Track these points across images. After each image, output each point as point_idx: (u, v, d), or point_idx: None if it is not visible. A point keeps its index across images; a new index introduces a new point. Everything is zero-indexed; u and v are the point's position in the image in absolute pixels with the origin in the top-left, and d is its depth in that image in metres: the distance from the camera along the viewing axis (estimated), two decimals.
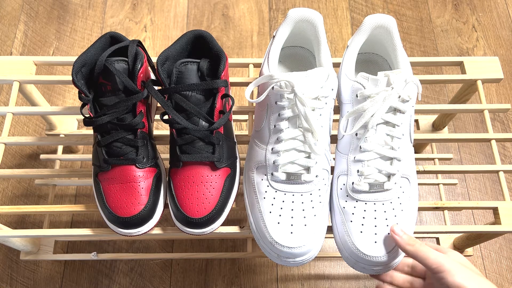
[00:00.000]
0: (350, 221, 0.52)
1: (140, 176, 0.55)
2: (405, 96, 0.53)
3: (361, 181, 0.53)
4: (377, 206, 0.52)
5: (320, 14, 0.58)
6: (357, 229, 0.52)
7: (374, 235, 0.51)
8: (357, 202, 0.53)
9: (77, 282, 0.84)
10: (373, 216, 0.52)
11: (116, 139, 0.55)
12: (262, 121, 0.56)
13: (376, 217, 0.52)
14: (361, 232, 0.51)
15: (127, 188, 0.55)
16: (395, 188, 0.53)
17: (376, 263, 0.50)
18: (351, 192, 0.53)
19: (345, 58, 0.60)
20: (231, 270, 0.86)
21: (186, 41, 0.57)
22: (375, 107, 0.52)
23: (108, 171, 0.56)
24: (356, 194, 0.53)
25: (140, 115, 0.56)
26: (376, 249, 0.50)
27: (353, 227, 0.52)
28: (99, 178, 0.56)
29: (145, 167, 0.56)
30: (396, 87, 0.51)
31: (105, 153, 0.56)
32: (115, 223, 0.54)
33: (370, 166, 0.53)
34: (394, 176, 0.53)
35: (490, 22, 1.14)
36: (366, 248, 0.50)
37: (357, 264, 0.52)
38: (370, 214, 0.52)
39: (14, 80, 0.67)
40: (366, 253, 0.50)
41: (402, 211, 0.53)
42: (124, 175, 0.55)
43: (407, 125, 0.55)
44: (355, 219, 0.52)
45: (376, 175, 0.53)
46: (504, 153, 0.98)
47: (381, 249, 0.50)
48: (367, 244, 0.51)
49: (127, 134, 0.55)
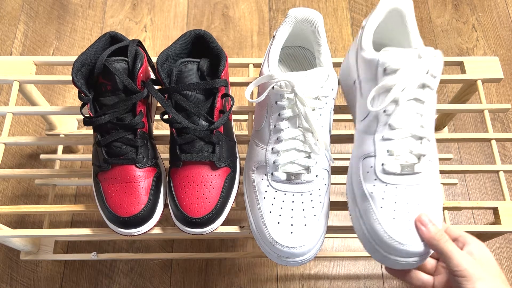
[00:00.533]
0: (380, 207, 0.48)
1: (140, 176, 0.55)
2: (434, 72, 0.50)
3: (392, 161, 0.49)
4: (408, 191, 0.49)
5: (320, 14, 0.58)
6: (389, 215, 0.47)
7: (408, 221, 0.47)
8: (387, 186, 0.49)
9: (77, 282, 0.84)
10: (405, 201, 0.48)
11: (116, 139, 0.55)
12: (262, 121, 0.56)
13: (408, 202, 0.48)
14: (394, 218, 0.47)
15: (127, 188, 0.55)
16: (425, 172, 0.50)
17: (413, 253, 0.46)
18: (381, 174, 0.49)
19: (363, 36, 0.56)
20: (231, 270, 0.86)
21: (186, 40, 0.57)
22: (406, 80, 0.48)
23: (108, 171, 0.55)
24: (386, 176, 0.49)
25: (140, 115, 0.56)
26: (412, 237, 0.46)
27: (384, 213, 0.47)
28: (99, 178, 0.56)
29: (145, 167, 0.56)
30: (426, 60, 0.49)
31: (105, 153, 0.55)
32: (115, 223, 0.54)
33: (401, 145, 0.49)
34: (424, 157, 0.50)
35: (490, 22, 1.14)
36: (400, 236, 0.46)
37: (387, 258, 0.47)
38: (402, 199, 0.48)
39: (14, 80, 0.67)
40: (402, 241, 0.46)
41: (433, 197, 0.49)
42: (124, 174, 0.55)
43: (433, 105, 0.52)
44: (386, 205, 0.48)
45: (407, 156, 0.49)
46: (504, 153, 0.98)
47: (416, 236, 0.46)
48: (401, 231, 0.46)
49: (127, 133, 0.55)
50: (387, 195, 0.48)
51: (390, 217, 0.47)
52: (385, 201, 0.48)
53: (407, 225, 0.47)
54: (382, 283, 0.85)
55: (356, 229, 0.51)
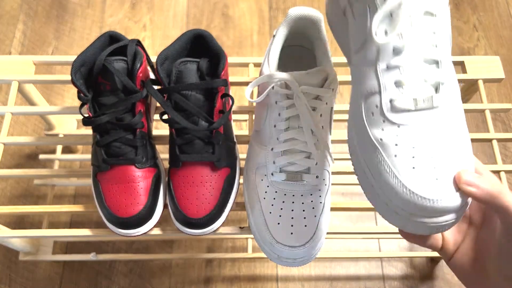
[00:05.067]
0: (394, 156, 0.37)
1: (140, 176, 0.55)
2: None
3: (403, 94, 0.38)
4: (428, 130, 0.38)
5: (320, 13, 0.58)
6: (407, 164, 0.36)
7: (433, 169, 0.36)
8: (400, 128, 0.38)
9: (76, 282, 0.84)
10: (426, 144, 0.37)
11: (115, 139, 0.55)
12: (262, 121, 0.55)
13: (431, 145, 0.37)
14: (414, 168, 0.36)
15: (126, 188, 0.54)
16: (446, 104, 0.38)
17: (444, 209, 0.36)
18: (390, 113, 0.38)
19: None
20: (231, 270, 0.86)
21: (186, 40, 0.57)
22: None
23: (107, 171, 0.55)
24: (397, 115, 0.38)
25: (139, 115, 0.55)
26: (439, 188, 0.35)
27: (400, 163, 0.37)
28: (98, 178, 0.56)
29: (145, 167, 0.56)
30: None
31: (104, 153, 0.55)
32: (114, 224, 0.54)
33: (412, 73, 0.39)
34: (443, 86, 0.39)
35: (491, 22, 1.14)
36: (425, 189, 0.35)
37: (410, 221, 0.36)
38: (422, 142, 0.37)
39: (13, 80, 0.67)
40: (428, 196, 0.35)
41: (460, 134, 0.39)
42: (124, 175, 0.55)
43: (447, 19, 0.42)
44: (401, 152, 0.37)
45: (421, 86, 0.38)
46: (505, 153, 0.98)
47: (446, 187, 0.36)
48: (426, 183, 0.36)
49: (126, 134, 0.55)
50: (401, 140, 0.37)
51: (409, 166, 0.36)
52: (399, 148, 0.37)
53: (432, 174, 0.36)
54: (383, 283, 0.85)
55: (365, 191, 0.41)
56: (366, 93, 0.41)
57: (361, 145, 0.40)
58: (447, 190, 0.36)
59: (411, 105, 0.38)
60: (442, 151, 0.37)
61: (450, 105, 0.39)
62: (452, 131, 0.39)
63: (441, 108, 0.38)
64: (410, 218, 0.36)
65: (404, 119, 0.38)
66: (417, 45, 0.39)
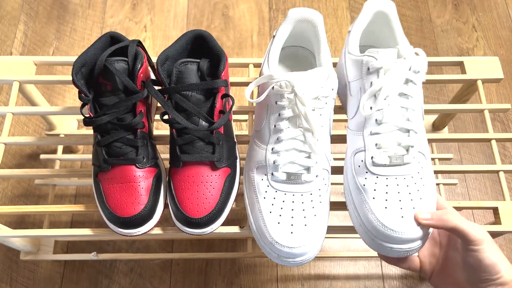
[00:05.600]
0: (372, 198, 0.50)
1: (140, 176, 0.55)
2: (416, 67, 0.53)
3: (380, 154, 0.51)
4: (399, 181, 0.51)
5: (320, 14, 0.58)
6: (381, 205, 0.49)
7: (400, 209, 0.49)
8: (378, 178, 0.51)
9: (77, 282, 0.84)
10: (396, 191, 0.50)
11: (116, 139, 0.55)
12: (262, 121, 0.56)
13: (400, 191, 0.50)
14: (386, 208, 0.49)
15: (127, 188, 0.55)
16: (414, 162, 0.52)
17: (405, 240, 0.48)
18: (371, 167, 0.51)
19: (350, 40, 0.59)
20: (231, 270, 0.86)
21: (186, 41, 0.57)
22: (392, 82, 0.51)
23: (108, 171, 0.55)
24: (376, 168, 0.51)
25: (140, 115, 0.56)
26: (404, 224, 0.48)
27: (377, 204, 0.50)
28: (99, 178, 0.56)
29: (145, 167, 0.56)
30: (408, 58, 0.52)
31: (105, 153, 0.55)
32: (115, 223, 0.54)
33: (389, 138, 0.52)
34: (413, 148, 0.52)
35: (490, 22, 1.14)
36: (394, 223, 0.48)
37: (382, 246, 0.49)
38: (393, 189, 0.50)
39: (14, 80, 0.67)
40: (395, 229, 0.48)
41: (424, 186, 0.51)
42: (124, 175, 0.55)
43: (419, 99, 0.54)
44: (377, 196, 0.50)
45: (395, 148, 0.52)
46: (504, 153, 0.98)
47: (409, 223, 0.48)
48: (394, 219, 0.48)
49: (127, 134, 0.55)
50: (378, 186, 0.51)
51: (382, 206, 0.49)
52: (376, 192, 0.50)
53: (399, 213, 0.49)
54: (382, 283, 0.85)
55: (353, 221, 0.53)
56: (355, 150, 0.54)
57: (352, 188, 0.53)
58: (409, 225, 0.48)
59: (386, 161, 0.51)
60: (408, 195, 0.50)
61: (419, 161, 0.52)
62: (417, 180, 0.51)
63: (410, 164, 0.51)
64: (383, 244, 0.49)
65: (381, 171, 0.51)
66: (393, 118, 0.52)
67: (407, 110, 0.53)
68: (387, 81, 0.51)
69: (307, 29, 0.58)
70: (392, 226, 0.48)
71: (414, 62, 0.52)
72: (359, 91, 0.55)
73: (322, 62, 0.58)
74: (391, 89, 0.51)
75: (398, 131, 0.52)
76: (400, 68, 0.51)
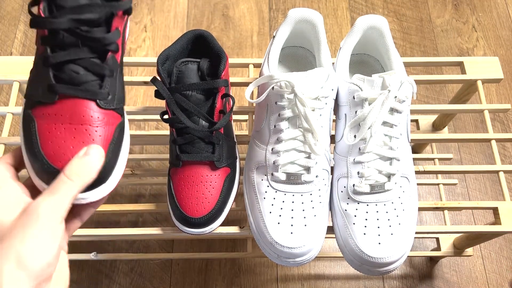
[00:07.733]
0: (352, 223, 0.52)
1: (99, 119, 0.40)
2: (402, 97, 0.53)
3: (362, 182, 0.53)
4: (379, 207, 0.52)
5: (320, 14, 0.58)
6: (360, 231, 0.51)
7: (378, 236, 0.51)
8: (359, 204, 0.53)
9: (77, 282, 0.84)
10: (375, 217, 0.52)
11: (74, 59, 0.39)
12: (262, 121, 0.56)
13: (379, 218, 0.52)
14: (365, 234, 0.51)
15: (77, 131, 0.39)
16: (395, 188, 0.53)
17: (381, 264, 0.50)
18: (352, 194, 0.53)
19: (338, 60, 0.60)
20: (231, 270, 0.86)
21: (187, 40, 0.57)
22: (375, 113, 0.52)
23: (51, 105, 0.39)
24: (357, 196, 0.53)
25: (116, 33, 0.40)
26: (380, 251, 0.50)
27: (356, 229, 0.52)
28: (34, 114, 0.39)
29: (109, 109, 0.41)
30: (393, 89, 0.52)
31: (53, 76, 0.39)
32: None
33: (370, 168, 0.53)
34: (394, 176, 0.53)
35: (490, 22, 1.14)
36: (370, 250, 0.50)
37: (362, 266, 0.52)
38: (373, 216, 0.52)
39: (14, 81, 0.67)
40: (371, 255, 0.50)
41: (404, 210, 0.53)
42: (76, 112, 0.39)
43: (404, 125, 0.55)
44: (357, 221, 0.52)
45: (377, 176, 0.53)
46: (504, 153, 0.98)
47: (385, 250, 0.50)
48: (371, 246, 0.50)
49: (92, 55, 0.39)
50: (359, 213, 0.52)
51: (362, 232, 0.51)
52: (357, 218, 0.52)
53: (376, 240, 0.51)
54: (382, 283, 0.85)
55: (337, 242, 0.55)
56: (339, 175, 0.55)
57: (336, 210, 0.55)
58: (386, 252, 0.50)
59: (367, 190, 0.53)
60: (386, 222, 0.52)
61: (401, 187, 0.54)
62: (397, 206, 0.53)
63: (392, 191, 0.53)
64: (362, 266, 0.52)
65: (362, 198, 0.53)
66: (376, 148, 0.53)
67: (390, 139, 0.53)
68: (371, 112, 0.52)
69: (307, 29, 0.58)
70: (369, 252, 0.50)
71: (399, 92, 0.52)
72: (345, 117, 0.56)
73: (322, 63, 0.58)
74: (375, 119, 0.52)
75: (380, 160, 0.53)
76: (385, 99, 0.52)
